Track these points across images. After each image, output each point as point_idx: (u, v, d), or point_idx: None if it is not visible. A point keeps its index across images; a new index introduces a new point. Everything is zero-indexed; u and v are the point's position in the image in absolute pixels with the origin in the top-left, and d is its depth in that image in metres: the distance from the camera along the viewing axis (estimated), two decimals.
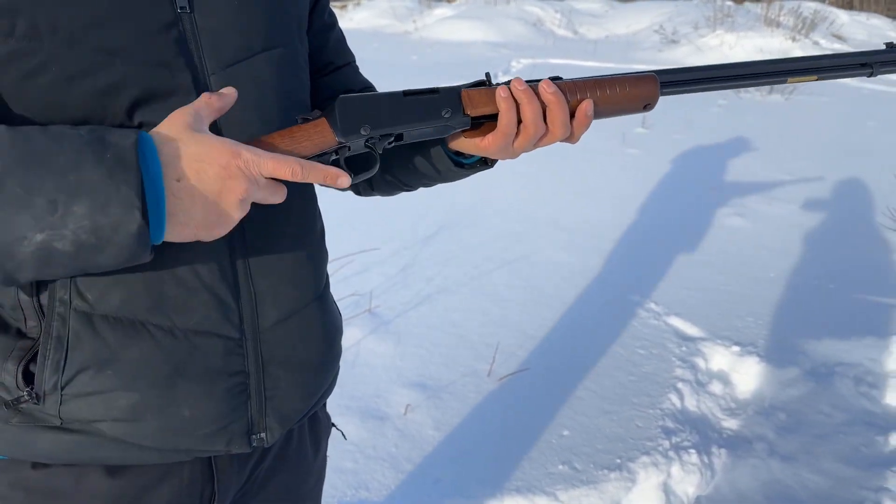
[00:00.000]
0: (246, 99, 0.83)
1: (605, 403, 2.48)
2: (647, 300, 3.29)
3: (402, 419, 2.31)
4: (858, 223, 4.39)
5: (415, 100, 0.87)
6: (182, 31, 0.80)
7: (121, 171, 0.65)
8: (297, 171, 0.75)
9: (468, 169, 0.98)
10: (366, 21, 17.61)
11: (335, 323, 1.03)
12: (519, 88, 0.86)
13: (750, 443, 2.44)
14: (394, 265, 3.49)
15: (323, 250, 1.02)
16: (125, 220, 0.64)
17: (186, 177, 0.69)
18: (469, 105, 0.89)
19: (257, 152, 0.72)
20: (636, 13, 16.36)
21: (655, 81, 0.91)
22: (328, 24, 1.04)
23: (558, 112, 0.87)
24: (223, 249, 0.85)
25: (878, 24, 17.18)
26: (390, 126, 0.87)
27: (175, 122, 0.72)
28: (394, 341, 2.79)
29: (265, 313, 0.90)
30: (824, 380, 2.76)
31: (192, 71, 0.80)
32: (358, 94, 0.86)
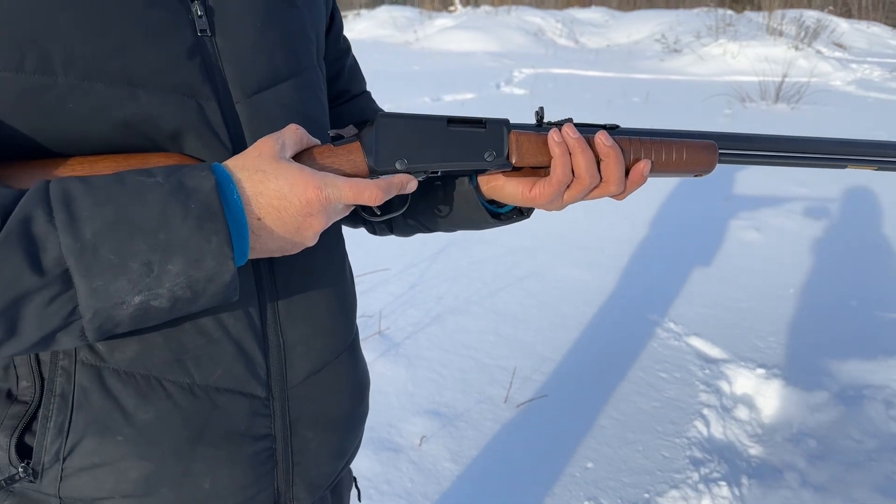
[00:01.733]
0: (275, 128, 0.75)
1: (629, 432, 2.37)
2: (666, 319, 3.18)
3: (417, 451, 2.20)
4: (875, 236, 4.29)
5: (458, 133, 0.79)
6: (206, 57, 0.72)
7: (209, 222, 0.62)
8: (378, 196, 0.72)
9: (504, 220, 0.91)
10: (367, 31, 17.61)
11: (365, 374, 0.94)
12: (572, 137, 0.79)
13: (780, 472, 2.33)
14: (401, 283, 3.39)
15: (353, 293, 0.93)
16: (219, 271, 0.63)
17: (267, 215, 0.67)
18: (515, 151, 0.81)
19: (337, 184, 0.69)
20: (637, 22, 16.36)
21: (715, 151, 0.84)
22: (343, 49, 0.98)
23: (614, 168, 0.80)
24: (251, 293, 0.76)
25: (878, 33, 17.18)
26: (428, 162, 0.78)
27: (261, 151, 0.68)
28: (405, 365, 2.68)
29: (295, 367, 0.80)
30: (853, 403, 2.65)
31: (218, 98, 0.72)
32: (398, 115, 0.78)
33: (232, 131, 0.73)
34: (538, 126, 0.82)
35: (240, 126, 0.74)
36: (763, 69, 10.38)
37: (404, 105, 8.40)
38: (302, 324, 0.81)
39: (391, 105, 8.25)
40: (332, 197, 0.68)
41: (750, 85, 9.58)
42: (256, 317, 0.76)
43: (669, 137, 0.82)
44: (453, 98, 9.08)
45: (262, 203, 0.66)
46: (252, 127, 0.74)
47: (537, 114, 0.82)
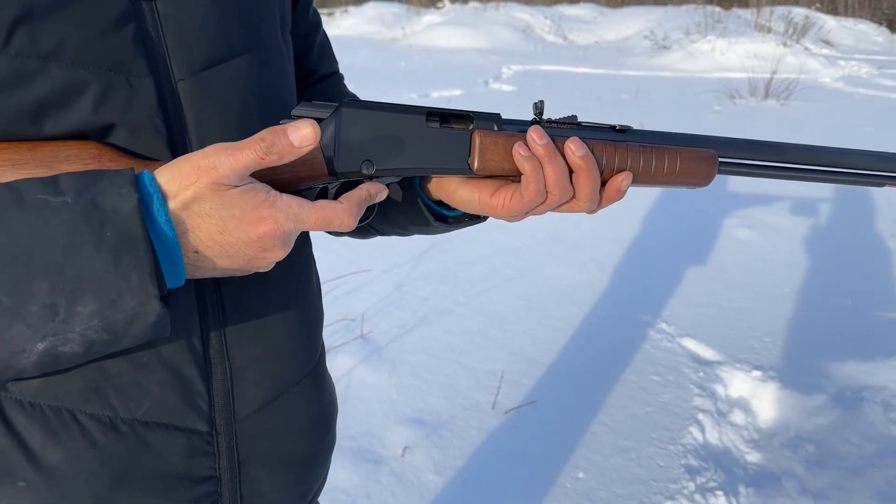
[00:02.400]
0: (226, 112, 0.64)
1: (621, 439, 2.27)
2: (658, 320, 3.09)
3: (400, 462, 2.09)
4: (868, 234, 4.22)
5: (439, 131, 0.66)
6: (141, 26, 0.60)
7: (128, 254, 0.51)
8: (350, 223, 0.60)
9: (453, 224, 0.78)
10: (353, 28, 17.43)
11: (331, 401, 0.82)
12: (539, 144, 0.65)
13: (778, 479, 2.24)
14: (386, 284, 3.27)
15: (319, 310, 0.81)
16: (141, 311, 0.53)
17: (207, 249, 0.56)
18: (479, 155, 0.67)
19: (300, 215, 0.58)
20: (625, 19, 16.30)
21: (714, 162, 0.70)
22: (312, 24, 0.85)
23: (586, 182, 0.67)
24: (191, 308, 0.65)
25: (864, 30, 17.24)
26: (401, 167, 0.65)
27: (199, 173, 0.54)
28: (388, 370, 2.57)
29: (244, 396, 0.69)
30: (851, 406, 2.56)
31: (156, 76, 0.60)
32: (366, 105, 0.65)
33: (171, 115, 0.62)
34: (536, 123, 0.68)
35: (180, 109, 0.63)
36: (752, 66, 10.34)
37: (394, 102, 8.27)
38: (253, 344, 0.69)
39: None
40: (291, 230, 0.57)
41: (739, 81, 9.53)
42: (197, 336, 0.65)
43: (667, 144, 0.70)
44: (440, 94, 8.96)
45: (201, 237, 0.55)
46: (197, 110, 0.63)
47: (536, 107, 0.68)
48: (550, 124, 0.68)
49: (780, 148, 0.71)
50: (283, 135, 0.55)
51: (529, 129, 0.66)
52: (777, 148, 0.71)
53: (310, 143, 0.56)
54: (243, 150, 0.54)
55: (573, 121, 0.68)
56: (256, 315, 0.69)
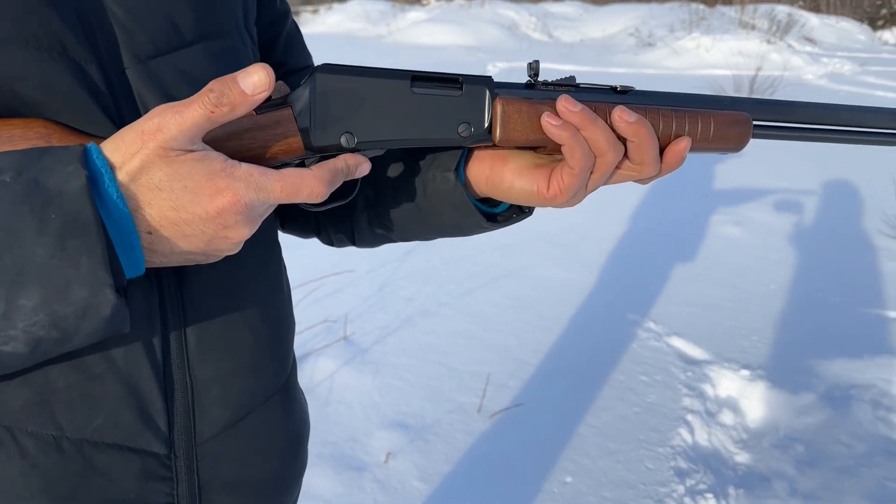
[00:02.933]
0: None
1: (610, 441, 2.23)
2: (646, 319, 3.05)
3: (383, 468, 2.03)
4: (856, 230, 4.22)
5: (426, 97, 0.60)
6: (81, 6, 0.55)
7: (75, 237, 0.46)
8: (320, 192, 0.54)
9: (502, 222, 0.71)
10: (338, 25, 17.32)
11: (303, 420, 0.76)
12: (574, 111, 0.59)
13: (768, 480, 2.21)
14: (369, 284, 3.21)
15: (291, 319, 0.75)
16: (94, 303, 0.47)
17: (161, 227, 0.50)
18: (501, 125, 0.61)
19: (262, 184, 0.51)
20: (610, 16, 16.31)
21: (748, 125, 0.66)
22: (279, 13, 0.78)
23: (648, 147, 0.61)
24: (150, 316, 0.59)
25: (846, 27, 17.39)
26: (384, 137, 0.59)
27: (144, 138, 0.48)
28: (371, 373, 2.51)
29: (207, 415, 0.63)
30: (840, 405, 2.54)
31: (101, 62, 0.55)
32: (344, 68, 0.58)
33: (122, 105, 0.57)
34: (530, 87, 0.63)
35: (131, 97, 0.57)
36: (736, 63, 10.37)
37: None
38: (218, 359, 0.63)
39: None
40: (254, 201, 0.51)
41: (724, 79, 9.55)
42: (157, 348, 0.59)
43: (690, 106, 0.64)
44: None
45: (153, 215, 0.49)
46: (147, 99, 0.58)
47: (531, 68, 0.63)
48: (547, 86, 0.63)
49: (812, 107, 0.67)
50: (232, 83, 0.50)
51: (559, 99, 0.60)
52: (809, 107, 0.67)
53: (263, 88, 0.50)
54: (190, 106, 0.49)
55: (571, 82, 0.63)
56: (222, 324, 0.64)
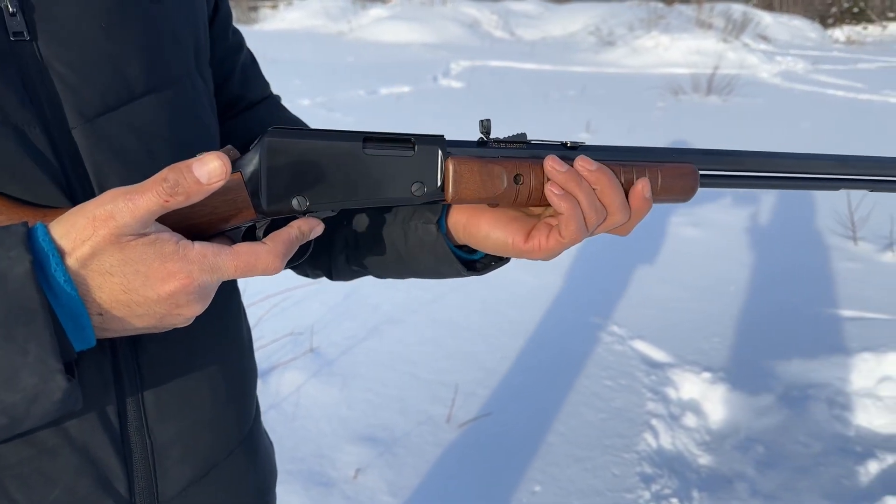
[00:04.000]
0: (129, 160, 0.58)
1: (577, 449, 2.26)
2: (609, 322, 3.10)
3: (352, 484, 2.02)
4: (811, 231, 4.34)
5: (378, 159, 0.60)
6: (21, 69, 0.53)
7: (22, 324, 0.45)
8: (276, 266, 0.53)
9: (481, 270, 0.72)
10: (298, 21, 17.11)
11: (267, 469, 0.75)
12: (560, 170, 0.61)
13: (730, 482, 2.27)
14: (335, 293, 3.19)
15: (252, 367, 0.74)
16: (44, 389, 0.46)
17: (113, 309, 0.50)
18: (453, 184, 0.62)
19: (216, 264, 0.51)
20: (571, 14, 16.46)
21: (695, 176, 0.67)
22: (233, 46, 0.77)
23: (612, 193, 0.62)
24: (105, 382, 0.58)
25: (799, 25, 17.86)
26: (337, 200, 0.59)
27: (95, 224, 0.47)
28: (339, 385, 2.50)
29: (169, 476, 0.62)
30: (798, 405, 2.62)
31: (45, 124, 0.53)
32: (294, 132, 0.58)
33: (68, 167, 0.55)
34: (482, 145, 0.64)
35: (79, 160, 0.56)
36: (694, 61, 10.56)
37: (338, 99, 8.14)
38: (178, 418, 0.62)
39: (324, 100, 7.97)
40: (207, 282, 0.51)
41: (682, 77, 9.72)
42: (113, 413, 0.58)
43: (638, 159, 0.66)
44: (389, 91, 8.86)
45: (104, 298, 0.49)
46: (96, 159, 0.56)
47: (482, 125, 0.64)
48: (499, 144, 0.64)
49: (756, 156, 0.69)
50: (187, 171, 0.49)
51: (546, 158, 0.61)
52: (753, 157, 0.69)
53: (219, 178, 0.50)
54: (143, 194, 0.48)
55: (522, 139, 0.64)
56: (180, 383, 0.63)
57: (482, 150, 0.63)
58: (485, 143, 0.64)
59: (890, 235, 4.01)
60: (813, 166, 0.70)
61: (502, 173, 0.62)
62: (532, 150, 0.64)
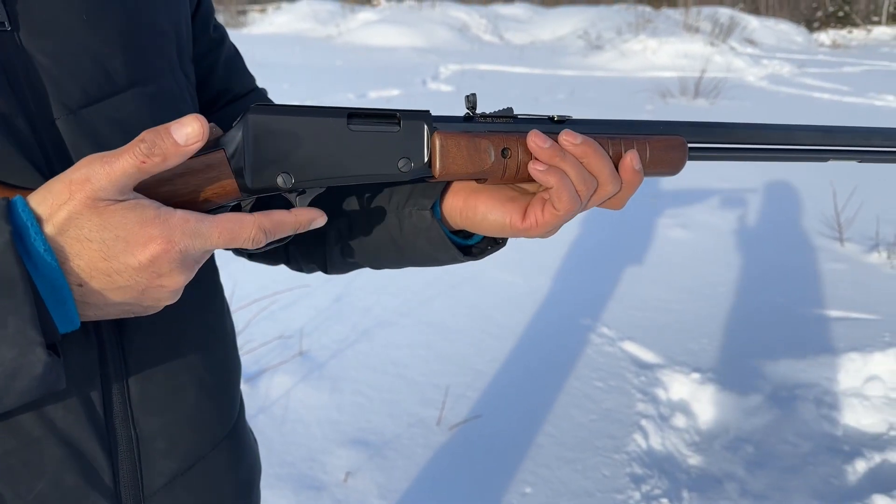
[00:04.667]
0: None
1: (567, 450, 2.26)
2: (599, 324, 3.11)
3: (342, 487, 2.02)
4: (797, 232, 4.38)
5: (363, 134, 0.59)
6: (3, 59, 0.53)
7: (2, 296, 0.44)
8: (259, 238, 0.52)
9: (477, 255, 0.71)
10: (287, 25, 17.09)
11: (251, 464, 0.75)
12: (543, 146, 0.60)
13: (720, 482, 2.28)
14: (325, 296, 3.18)
15: (236, 363, 0.74)
16: (24, 363, 0.45)
17: (92, 279, 0.49)
18: (440, 159, 0.61)
19: (198, 230, 0.50)
20: (559, 18, 16.54)
21: (684, 148, 0.67)
22: (215, 39, 0.77)
23: (600, 163, 0.62)
24: (90, 372, 0.57)
25: (785, 29, 18.04)
26: (323, 176, 0.58)
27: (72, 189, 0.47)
28: (329, 388, 2.49)
29: (154, 468, 0.62)
30: (786, 405, 2.64)
31: (28, 115, 0.53)
32: (277, 109, 0.57)
33: (53, 158, 0.55)
34: (468, 120, 0.63)
35: (64, 150, 0.55)
36: (682, 65, 10.63)
37: (327, 103, 8.13)
38: (163, 410, 0.62)
39: (313, 103, 7.95)
40: (189, 248, 0.50)
41: (670, 81, 9.79)
42: (98, 404, 0.58)
43: (625, 132, 0.65)
44: (378, 94, 8.87)
45: (82, 266, 0.48)
46: (79, 151, 0.56)
47: (468, 101, 0.63)
48: (486, 119, 0.63)
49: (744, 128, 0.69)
50: (165, 133, 0.48)
51: (529, 134, 0.60)
52: (741, 128, 0.69)
53: (196, 139, 0.49)
54: (120, 156, 0.47)
55: (509, 114, 0.64)
56: (165, 375, 0.63)
57: (469, 125, 0.62)
58: (471, 119, 0.63)
59: (876, 236, 4.05)
60: (800, 138, 0.70)
61: (489, 147, 0.61)
62: (519, 125, 0.63)
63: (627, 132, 0.65)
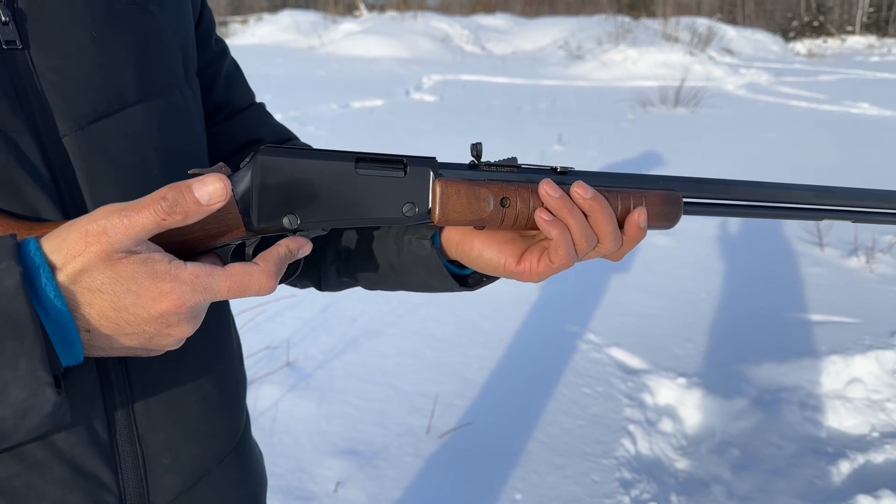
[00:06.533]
0: (121, 167, 0.58)
1: (556, 456, 2.27)
2: (586, 330, 3.13)
3: (332, 498, 2.01)
4: (778, 237, 4.44)
5: (370, 179, 0.60)
6: (13, 77, 0.53)
7: (13, 338, 0.44)
8: (270, 287, 0.53)
9: (472, 286, 0.72)
10: (269, 36, 17.07)
11: (257, 478, 0.75)
12: (553, 196, 0.61)
13: (707, 485, 2.30)
14: (312, 306, 3.17)
15: (241, 376, 0.74)
16: (34, 403, 0.46)
17: (101, 326, 0.49)
18: (440, 206, 0.62)
19: (209, 286, 0.51)
20: (540, 29, 16.68)
21: (679, 204, 0.69)
22: (216, 52, 0.77)
23: (605, 221, 0.63)
24: (93, 392, 0.57)
25: (762, 39, 18.33)
26: (328, 219, 0.59)
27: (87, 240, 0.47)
28: (317, 399, 2.48)
29: (160, 484, 0.62)
30: (770, 408, 2.67)
31: (35, 132, 0.53)
32: (287, 152, 0.58)
33: (58, 174, 0.55)
34: (473, 168, 0.64)
35: (69, 167, 0.56)
36: (662, 74, 10.77)
37: (311, 113, 8.12)
38: (167, 426, 0.62)
39: (297, 114, 7.95)
40: (199, 303, 0.50)
41: (650, 90, 9.91)
42: (101, 424, 0.58)
43: (624, 185, 0.67)
44: (362, 105, 8.88)
45: (93, 315, 0.48)
46: (87, 167, 0.56)
47: (474, 149, 0.64)
48: (490, 167, 0.64)
49: (740, 185, 0.70)
50: (187, 192, 0.49)
51: (541, 183, 0.61)
52: (733, 185, 0.70)
53: (219, 199, 0.50)
54: (140, 212, 0.48)
55: (513, 163, 0.65)
56: (170, 392, 0.63)
57: (471, 173, 0.64)
58: (476, 167, 0.64)
59: (854, 241, 4.12)
60: (796, 196, 0.71)
61: (489, 196, 0.62)
62: (521, 174, 0.64)
63: (628, 185, 0.67)
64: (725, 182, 0.70)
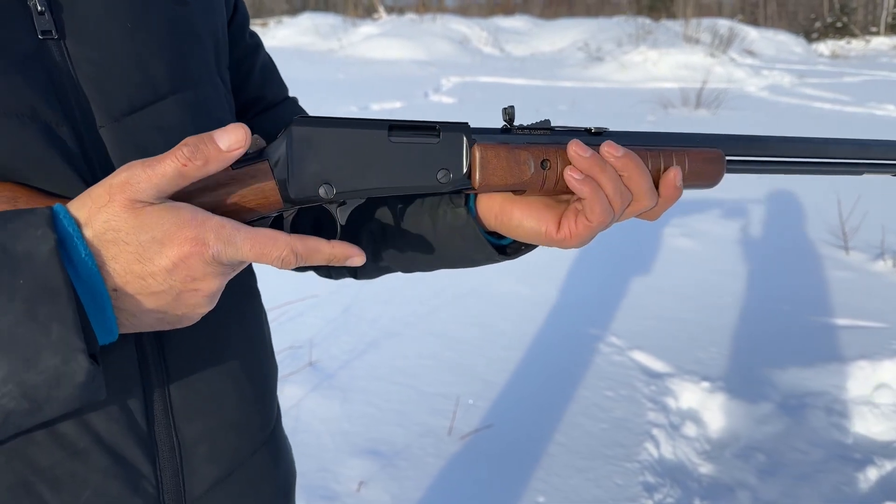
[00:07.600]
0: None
1: (579, 459, 2.26)
2: (608, 333, 3.11)
3: (355, 497, 2.01)
4: (802, 240, 4.38)
5: (403, 146, 0.60)
6: (50, 67, 0.53)
7: (46, 303, 0.44)
8: (290, 260, 0.52)
9: (511, 254, 0.71)
10: (288, 39, 17.20)
11: (289, 469, 0.76)
12: (583, 155, 0.60)
13: (732, 490, 2.27)
14: (333, 307, 3.19)
15: (274, 368, 0.74)
16: (66, 370, 0.45)
17: (127, 283, 0.49)
18: (479, 170, 0.62)
19: (232, 238, 0.50)
20: (560, 31, 16.64)
21: (721, 161, 0.68)
22: (250, 46, 0.77)
23: (639, 178, 0.63)
24: (132, 380, 0.58)
25: (784, 40, 18.12)
26: (364, 187, 0.59)
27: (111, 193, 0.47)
28: (339, 399, 2.49)
29: (196, 473, 0.63)
30: (796, 413, 2.63)
31: (73, 123, 0.54)
32: (320, 121, 0.58)
33: (96, 165, 0.55)
34: (506, 132, 0.64)
35: (107, 158, 0.56)
36: (682, 76, 10.69)
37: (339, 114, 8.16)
38: (204, 416, 0.63)
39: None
40: (221, 253, 0.50)
41: (671, 91, 9.83)
42: (140, 412, 0.58)
43: (663, 144, 0.66)
44: (381, 107, 8.91)
45: (118, 269, 0.48)
46: (122, 159, 0.57)
47: (506, 113, 0.64)
48: (523, 131, 0.64)
49: (781, 141, 0.70)
50: (208, 138, 0.49)
51: (570, 143, 0.61)
52: (778, 141, 0.70)
53: (239, 145, 0.50)
54: (161, 161, 0.48)
55: (547, 126, 0.65)
56: (206, 382, 0.63)
57: (507, 137, 0.63)
58: (509, 131, 0.64)
59: (881, 245, 4.06)
60: (835, 151, 0.71)
61: (529, 159, 0.62)
62: (557, 136, 0.64)
63: (666, 144, 0.66)
64: (766, 139, 0.69)
